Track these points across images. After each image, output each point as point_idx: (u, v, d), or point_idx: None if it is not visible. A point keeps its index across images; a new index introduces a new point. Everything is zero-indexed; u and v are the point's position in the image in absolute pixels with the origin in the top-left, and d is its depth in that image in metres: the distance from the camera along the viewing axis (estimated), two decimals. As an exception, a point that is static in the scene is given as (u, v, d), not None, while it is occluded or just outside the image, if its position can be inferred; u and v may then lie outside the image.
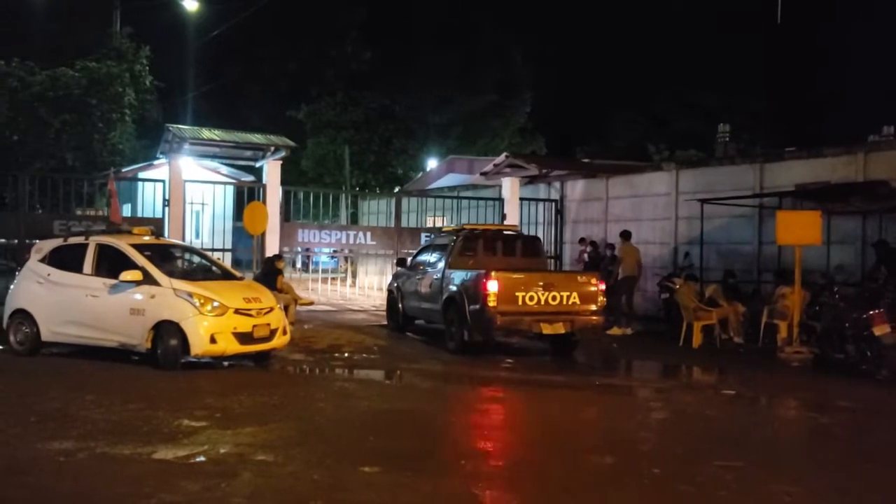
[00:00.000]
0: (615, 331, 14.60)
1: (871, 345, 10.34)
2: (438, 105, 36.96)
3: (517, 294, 11.37)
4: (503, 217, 19.11)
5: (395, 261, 15.77)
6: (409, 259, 14.77)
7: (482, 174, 20.37)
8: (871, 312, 10.35)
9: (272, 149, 17.00)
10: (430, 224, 19.60)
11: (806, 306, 12.57)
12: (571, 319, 11.60)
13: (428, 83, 36.09)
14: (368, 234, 18.57)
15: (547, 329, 11.47)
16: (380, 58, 36.40)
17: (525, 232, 17.90)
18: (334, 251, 19.60)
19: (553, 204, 20.03)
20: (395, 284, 14.73)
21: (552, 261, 19.52)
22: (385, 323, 15.03)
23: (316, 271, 22.42)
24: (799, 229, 11.90)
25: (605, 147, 35.24)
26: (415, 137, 36.75)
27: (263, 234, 15.89)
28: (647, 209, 17.76)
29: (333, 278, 24.98)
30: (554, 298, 11.51)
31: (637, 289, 15.87)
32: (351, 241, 18.24)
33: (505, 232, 14.01)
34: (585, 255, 17.46)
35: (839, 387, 10.02)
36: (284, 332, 10.71)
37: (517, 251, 13.21)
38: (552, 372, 11.06)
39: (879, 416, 8.61)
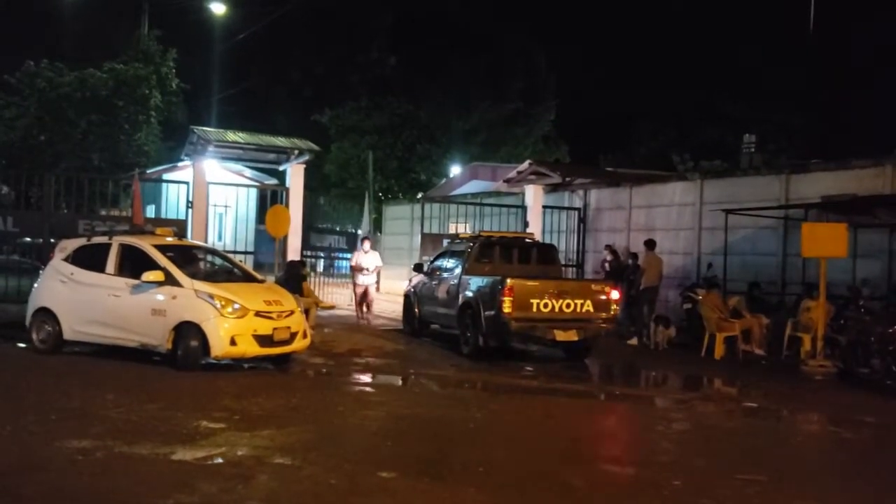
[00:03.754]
0: (634, 342, 14.47)
1: (898, 360, 10.16)
2: (462, 111, 37.01)
3: (531, 301, 11.47)
4: (525, 225, 19.04)
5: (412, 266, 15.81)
6: (426, 264, 14.82)
7: (505, 181, 20.31)
8: (898, 327, 10.19)
9: (296, 152, 17.07)
10: (452, 231, 19.55)
11: (831, 319, 12.40)
12: (584, 327, 11.74)
13: (452, 90, 36.16)
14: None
15: (560, 336, 11.59)
16: (405, 63, 36.49)
17: (548, 240, 17.87)
18: None
19: (576, 212, 19.95)
20: (412, 289, 14.77)
21: (574, 269, 19.46)
22: (401, 327, 15.04)
23: (338, 276, 22.44)
24: (825, 242, 11.75)
25: (630, 156, 35.07)
26: (438, 143, 36.80)
27: (286, 237, 15.95)
28: (670, 219, 17.62)
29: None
30: (568, 306, 11.64)
31: (658, 298, 15.73)
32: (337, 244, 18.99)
33: (521, 239, 14.22)
34: (606, 264, 17.36)
35: (863, 401, 9.86)
36: (305, 336, 10.72)
37: (533, 259, 13.37)
38: (571, 380, 11.00)
39: (905, 433, 8.46)
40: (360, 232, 19.53)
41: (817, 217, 14.04)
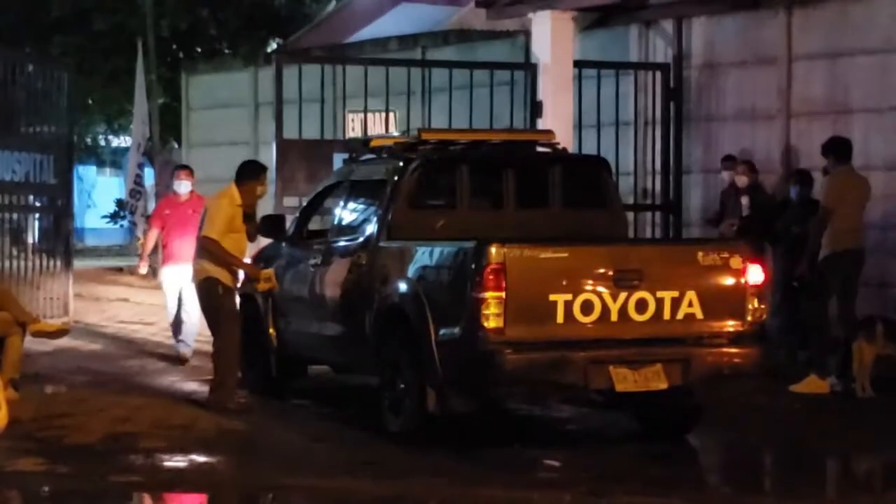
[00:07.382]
0: (811, 385, 14.62)
1: None
2: None
3: (551, 297, 11.50)
4: (535, 109, 19.10)
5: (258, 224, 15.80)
6: (292, 217, 15.08)
7: (480, 5, 20.37)
8: None
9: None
10: (352, 132, 19.59)
11: None
12: (685, 355, 11.84)
13: None
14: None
15: (625, 381, 11.63)
16: None
17: (589, 147, 17.95)
18: (117, 211, 19.71)
19: (658, 75, 20.05)
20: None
21: (659, 216, 19.64)
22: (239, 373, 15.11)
23: (81, 254, 22.53)
24: None
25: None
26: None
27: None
28: (888, 86, 17.73)
29: (121, 268, 25.02)
30: (642, 306, 11.65)
31: (862, 280, 15.85)
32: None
33: (524, 147, 14.55)
34: (743, 199, 17.45)
35: None
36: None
37: (553, 195, 13.56)
38: (657, 490, 11.01)
39: None
40: (129, 140, 19.48)
41: None
